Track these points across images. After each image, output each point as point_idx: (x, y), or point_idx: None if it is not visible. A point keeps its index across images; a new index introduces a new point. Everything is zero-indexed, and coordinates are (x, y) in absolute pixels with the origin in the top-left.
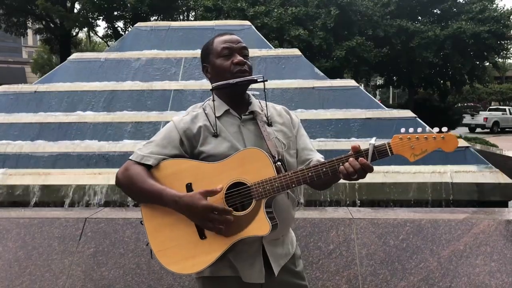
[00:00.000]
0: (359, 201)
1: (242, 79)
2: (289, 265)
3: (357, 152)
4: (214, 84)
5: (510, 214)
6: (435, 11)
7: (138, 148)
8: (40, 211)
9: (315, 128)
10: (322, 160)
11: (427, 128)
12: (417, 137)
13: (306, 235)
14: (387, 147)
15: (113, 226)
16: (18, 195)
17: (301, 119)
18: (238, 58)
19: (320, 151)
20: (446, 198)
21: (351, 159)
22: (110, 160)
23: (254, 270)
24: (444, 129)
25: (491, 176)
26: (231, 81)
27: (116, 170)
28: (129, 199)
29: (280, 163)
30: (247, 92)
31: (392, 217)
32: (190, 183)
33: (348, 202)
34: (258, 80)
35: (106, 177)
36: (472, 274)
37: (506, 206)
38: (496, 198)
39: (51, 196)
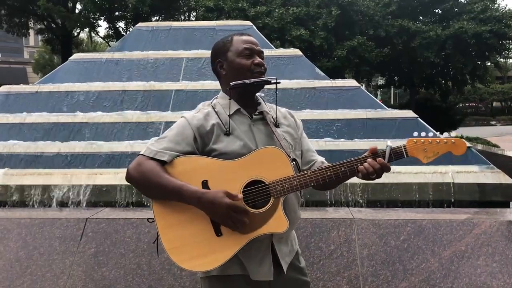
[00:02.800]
0: (360, 202)
1: (258, 79)
2: (294, 261)
3: (374, 153)
4: (233, 83)
5: (511, 215)
6: (436, 11)
7: (150, 144)
8: (41, 211)
9: (316, 128)
10: (325, 161)
11: (431, 132)
12: (430, 141)
13: (307, 235)
14: (403, 149)
15: (114, 226)
16: (19, 195)
17: (302, 119)
18: (258, 59)
19: (320, 151)
20: (447, 198)
21: (369, 159)
22: (111, 160)
23: (263, 267)
24: (453, 133)
25: (493, 176)
26: (247, 81)
27: (117, 170)
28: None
29: (294, 162)
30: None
31: (393, 217)
32: (206, 180)
33: (350, 202)
34: (272, 82)
35: (107, 177)
36: (474, 275)
37: (508, 206)
38: (497, 198)
39: (52, 196)
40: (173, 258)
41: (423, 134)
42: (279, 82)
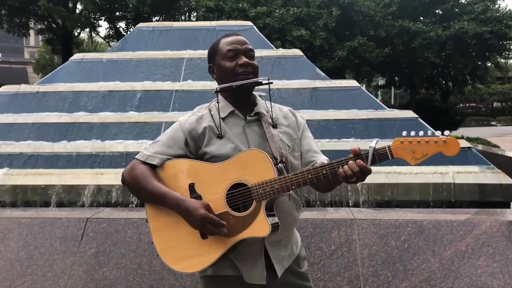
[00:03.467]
0: (361, 202)
1: (245, 81)
2: (293, 266)
3: (357, 155)
4: (218, 87)
5: (511, 215)
6: (437, 11)
7: (144, 148)
8: (42, 211)
9: (316, 129)
10: (327, 162)
11: (430, 131)
12: (418, 141)
13: (307, 235)
14: (387, 151)
15: (115, 226)
16: (19, 195)
17: None
18: (243, 59)
19: (321, 151)
20: (447, 198)
21: (350, 161)
22: (112, 160)
23: (255, 271)
24: (446, 132)
25: (493, 176)
26: (234, 83)
27: (117, 170)
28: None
29: (282, 165)
30: (253, 93)
31: (394, 217)
32: (193, 183)
33: (350, 202)
34: (263, 82)
35: (108, 177)
36: (474, 275)
37: (508, 207)
38: (498, 199)
39: (52, 196)
40: (164, 259)
41: (412, 133)
42: (271, 82)
